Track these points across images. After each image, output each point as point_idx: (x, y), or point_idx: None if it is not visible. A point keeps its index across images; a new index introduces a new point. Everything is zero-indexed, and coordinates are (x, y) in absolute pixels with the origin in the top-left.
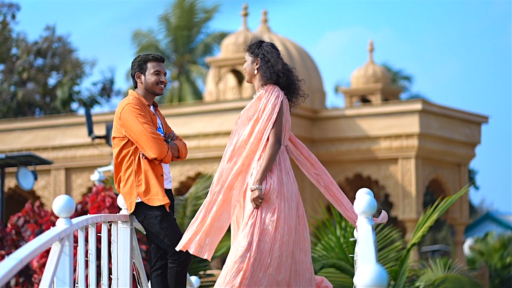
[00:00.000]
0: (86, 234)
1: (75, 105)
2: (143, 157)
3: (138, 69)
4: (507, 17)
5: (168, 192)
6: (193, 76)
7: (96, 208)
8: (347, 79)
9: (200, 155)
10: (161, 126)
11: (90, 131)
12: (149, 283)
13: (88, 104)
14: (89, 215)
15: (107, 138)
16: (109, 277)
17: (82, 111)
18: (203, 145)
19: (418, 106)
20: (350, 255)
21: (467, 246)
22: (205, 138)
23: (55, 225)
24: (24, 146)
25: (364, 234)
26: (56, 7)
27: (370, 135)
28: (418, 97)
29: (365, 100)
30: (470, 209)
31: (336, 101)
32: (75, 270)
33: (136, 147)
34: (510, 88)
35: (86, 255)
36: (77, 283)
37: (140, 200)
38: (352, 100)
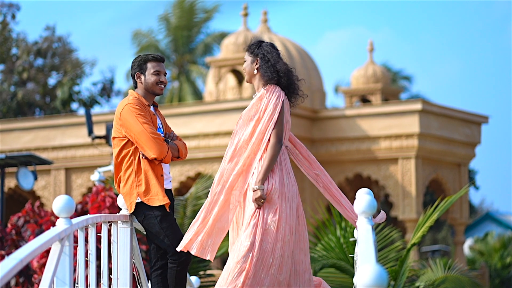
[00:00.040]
0: (86, 234)
1: (75, 105)
2: (143, 157)
3: (138, 69)
4: (507, 17)
5: (168, 192)
6: (193, 76)
7: (96, 208)
8: (347, 79)
9: (200, 155)
10: (161, 126)
11: (90, 131)
12: (149, 283)
13: (88, 104)
14: (89, 215)
15: (107, 138)
16: (109, 277)
17: (82, 111)
18: (203, 145)
19: (418, 106)
20: (350, 255)
21: (467, 246)
22: (205, 138)
23: (55, 225)
24: (24, 146)
25: (364, 234)
26: (56, 7)
27: (370, 135)
28: (418, 97)
29: (365, 100)
30: (470, 209)
31: (336, 101)
32: (75, 270)
33: (136, 147)
34: (510, 88)
35: (86, 255)
36: (77, 283)
37: (140, 200)
38: (352, 100)
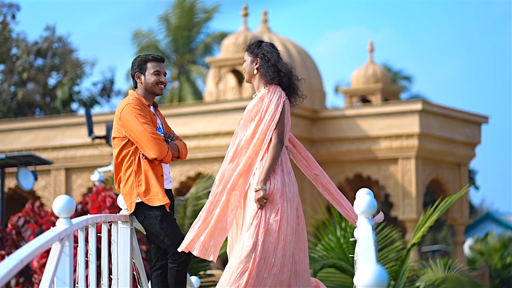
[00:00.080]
0: (86, 234)
1: (75, 105)
2: (143, 157)
3: (138, 69)
4: (507, 17)
5: (168, 192)
6: (193, 76)
7: (97, 208)
8: (347, 79)
9: (200, 155)
10: (161, 126)
11: (90, 131)
12: (149, 283)
13: (88, 104)
14: (89, 215)
15: (107, 138)
16: (109, 277)
17: (82, 111)
18: (203, 145)
19: (418, 106)
20: (350, 255)
21: (467, 246)
22: (205, 138)
23: (55, 225)
24: (24, 146)
25: (365, 234)
26: (56, 7)
27: (370, 135)
28: (418, 97)
29: (365, 100)
30: (470, 209)
31: (336, 101)
32: (75, 270)
33: (136, 147)
34: (510, 88)
35: (86, 255)
36: (77, 283)
37: (140, 200)
38: (352, 100)
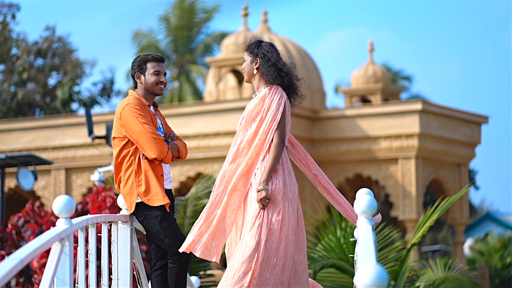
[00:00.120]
0: (86, 234)
1: (75, 105)
2: (143, 157)
3: (138, 69)
4: (507, 17)
5: (168, 192)
6: (193, 76)
7: (97, 208)
8: (347, 79)
9: (200, 155)
10: (161, 126)
11: (90, 131)
12: (149, 283)
13: (88, 104)
14: (89, 215)
15: (107, 138)
16: (109, 277)
17: (82, 111)
18: (203, 145)
19: (418, 106)
20: (350, 255)
21: (467, 246)
22: (205, 138)
23: (55, 225)
24: (24, 146)
25: (365, 234)
26: (56, 7)
27: (370, 135)
28: (418, 97)
29: (365, 100)
30: (470, 209)
31: (336, 101)
32: (75, 270)
33: (136, 147)
34: (510, 88)
35: (86, 255)
36: (77, 283)
37: (140, 200)
38: (352, 100)
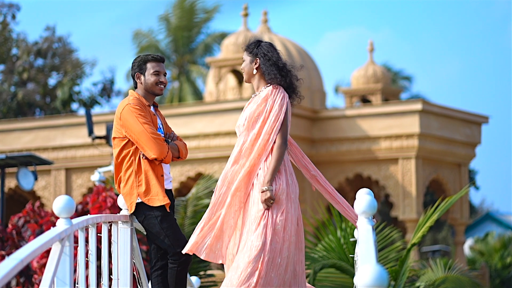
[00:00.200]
0: (87, 235)
1: (75, 106)
2: (144, 158)
3: (137, 69)
4: (507, 17)
5: (169, 193)
6: (193, 76)
7: (97, 209)
8: (347, 79)
9: (200, 155)
10: (161, 126)
11: (90, 132)
12: (149, 284)
13: (88, 105)
14: (89, 215)
15: (107, 138)
16: (110, 277)
17: (82, 111)
18: (203, 145)
19: (418, 106)
20: (350, 255)
21: (467, 246)
22: (205, 138)
23: (55, 225)
24: (24, 146)
25: (365, 234)
26: (56, 7)
27: (370, 135)
28: (418, 97)
29: (365, 100)
30: (471, 209)
31: (336, 101)
32: (75, 270)
33: (137, 147)
34: (510, 88)
35: (87, 256)
36: (77, 283)
37: (141, 201)
38: (352, 100)
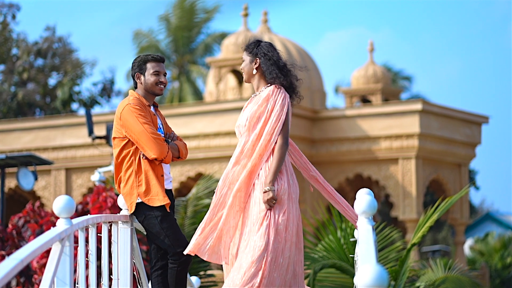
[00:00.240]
0: (87, 235)
1: (75, 106)
2: (144, 158)
3: (137, 69)
4: (507, 17)
5: (169, 193)
6: (194, 76)
7: (98, 209)
8: (347, 80)
9: (200, 156)
10: (161, 126)
11: (91, 132)
12: (149, 284)
13: (88, 105)
14: (89, 216)
15: (107, 138)
16: (110, 277)
17: (82, 111)
18: (203, 145)
19: (418, 106)
20: (350, 255)
21: (467, 246)
22: (205, 139)
23: (55, 225)
24: (24, 146)
25: (365, 234)
26: (56, 7)
27: (370, 135)
28: (418, 97)
29: (365, 100)
30: (471, 209)
31: (337, 101)
32: (75, 270)
33: (137, 147)
34: (510, 88)
35: (87, 256)
36: (77, 283)
37: (141, 201)
38: (352, 100)
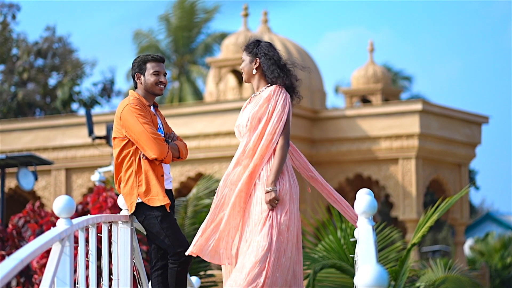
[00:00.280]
0: (87, 235)
1: (75, 106)
2: (144, 158)
3: (137, 69)
4: (507, 17)
5: (169, 193)
6: (194, 76)
7: (98, 209)
8: (347, 80)
9: (200, 156)
10: (161, 126)
11: (91, 132)
12: (149, 284)
13: (88, 105)
14: (89, 216)
15: (107, 138)
16: (110, 277)
17: (82, 111)
18: (203, 145)
19: (418, 106)
20: (350, 255)
21: (467, 246)
22: (205, 139)
23: (55, 225)
24: (24, 146)
25: (365, 234)
26: (56, 7)
27: (370, 135)
28: (418, 97)
29: (365, 101)
30: (471, 209)
31: (337, 102)
32: (75, 270)
33: (137, 147)
34: (510, 88)
35: (87, 256)
36: (77, 283)
37: (141, 201)
38: (352, 101)
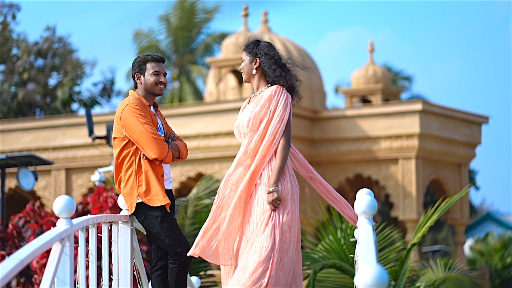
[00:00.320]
0: (87, 235)
1: (75, 106)
2: (144, 158)
3: (137, 69)
4: (507, 17)
5: (169, 193)
6: (194, 76)
7: (98, 209)
8: (347, 80)
9: (200, 156)
10: (161, 126)
11: (91, 132)
12: (149, 284)
13: (88, 105)
14: (89, 216)
15: (107, 138)
16: (110, 277)
17: (82, 111)
18: (203, 145)
19: (418, 106)
20: (350, 255)
21: (467, 246)
22: (205, 139)
23: (55, 225)
24: (24, 146)
25: (365, 234)
26: (56, 7)
27: (370, 135)
28: (418, 98)
29: (365, 101)
30: (471, 209)
31: (337, 102)
32: (75, 270)
33: (137, 147)
34: (510, 88)
35: (87, 256)
36: (77, 283)
37: (141, 201)
38: (352, 101)
